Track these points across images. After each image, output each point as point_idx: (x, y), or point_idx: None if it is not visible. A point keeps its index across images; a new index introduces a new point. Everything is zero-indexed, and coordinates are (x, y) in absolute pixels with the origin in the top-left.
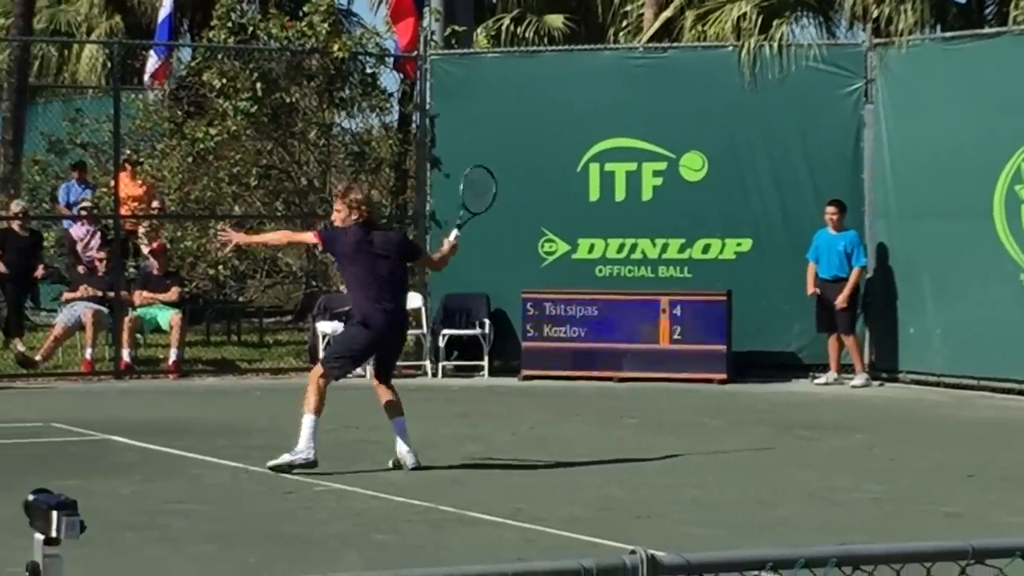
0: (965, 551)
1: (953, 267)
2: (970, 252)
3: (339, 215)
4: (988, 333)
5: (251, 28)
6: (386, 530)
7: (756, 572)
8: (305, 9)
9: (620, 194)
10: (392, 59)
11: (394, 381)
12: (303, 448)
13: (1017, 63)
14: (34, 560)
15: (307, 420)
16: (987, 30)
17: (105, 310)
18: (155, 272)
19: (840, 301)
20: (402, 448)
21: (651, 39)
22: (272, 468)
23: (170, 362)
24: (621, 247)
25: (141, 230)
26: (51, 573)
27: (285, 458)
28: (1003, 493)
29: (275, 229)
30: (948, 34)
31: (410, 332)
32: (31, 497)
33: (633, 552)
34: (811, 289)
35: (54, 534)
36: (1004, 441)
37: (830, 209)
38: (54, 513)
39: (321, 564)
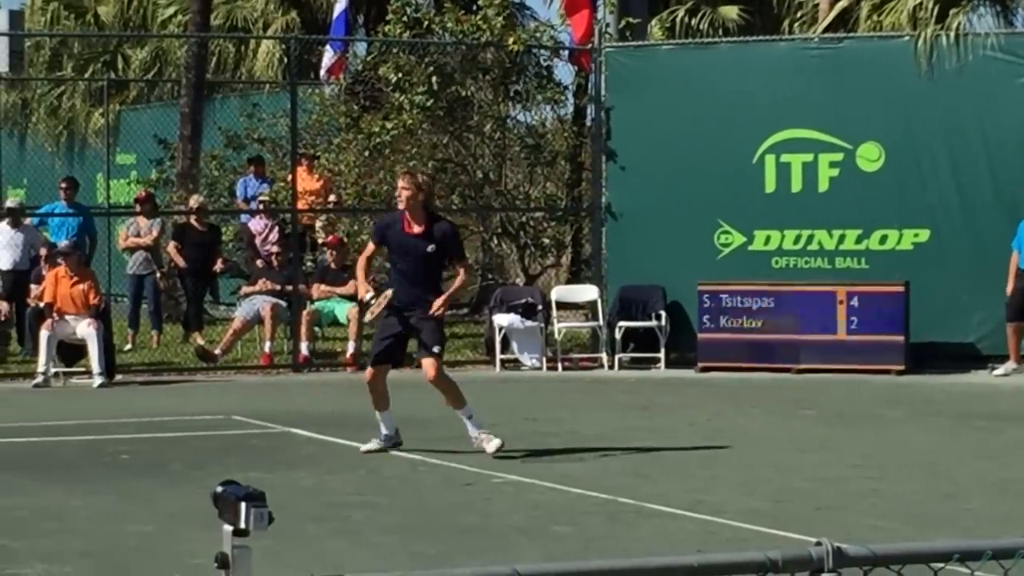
0: None
1: None
2: None
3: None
4: None
5: (426, 22)
6: (565, 522)
7: (942, 565)
8: (480, 3)
9: (796, 185)
10: (567, 52)
11: (573, 373)
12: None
13: None
14: (223, 551)
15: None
16: None
17: (283, 304)
18: (332, 266)
19: None
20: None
21: (826, 29)
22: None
23: (348, 355)
24: (798, 238)
25: (318, 224)
26: (240, 564)
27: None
28: None
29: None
30: None
31: (586, 324)
32: (220, 488)
33: (819, 544)
34: (1010, 286)
35: (243, 525)
36: None
37: None
38: (243, 504)
39: (500, 555)
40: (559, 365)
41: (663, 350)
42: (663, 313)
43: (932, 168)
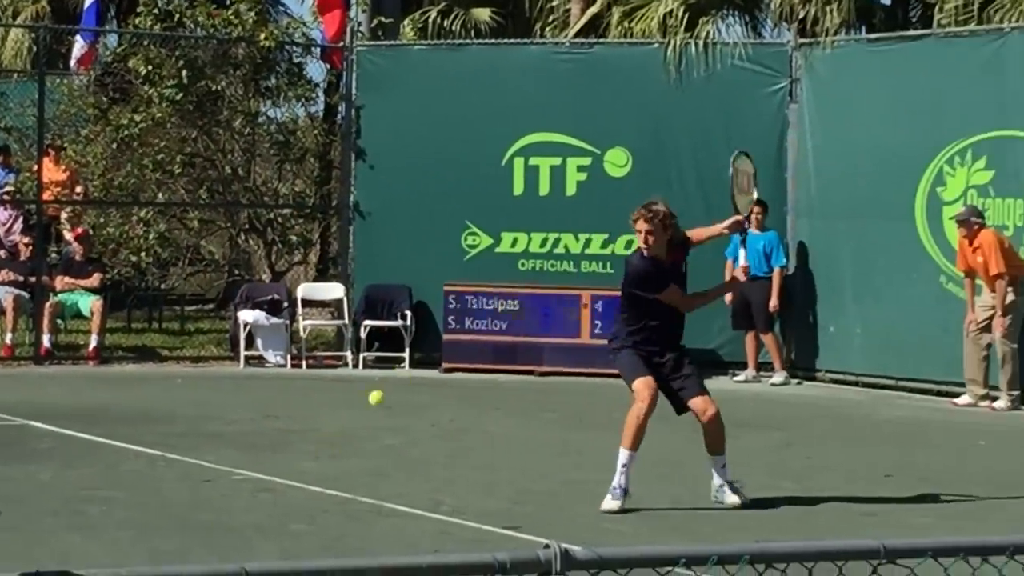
0: (876, 551)
1: (874, 267)
2: (891, 253)
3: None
4: (907, 334)
5: (177, 15)
6: (303, 520)
7: (669, 568)
8: None
9: (544, 188)
10: (319, 49)
11: (317, 371)
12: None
13: (941, 66)
14: None
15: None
16: (911, 32)
17: (26, 295)
18: (77, 258)
19: (773, 305)
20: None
21: (577, 34)
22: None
23: (90, 348)
24: (544, 241)
25: (64, 216)
26: None
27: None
28: (919, 493)
29: (198, 218)
30: (873, 35)
31: (332, 322)
32: None
33: (547, 546)
34: (729, 296)
35: None
36: (922, 441)
37: (754, 208)
38: None
39: (237, 553)
40: (303, 363)
41: (408, 350)
42: (408, 313)
43: (679, 175)
